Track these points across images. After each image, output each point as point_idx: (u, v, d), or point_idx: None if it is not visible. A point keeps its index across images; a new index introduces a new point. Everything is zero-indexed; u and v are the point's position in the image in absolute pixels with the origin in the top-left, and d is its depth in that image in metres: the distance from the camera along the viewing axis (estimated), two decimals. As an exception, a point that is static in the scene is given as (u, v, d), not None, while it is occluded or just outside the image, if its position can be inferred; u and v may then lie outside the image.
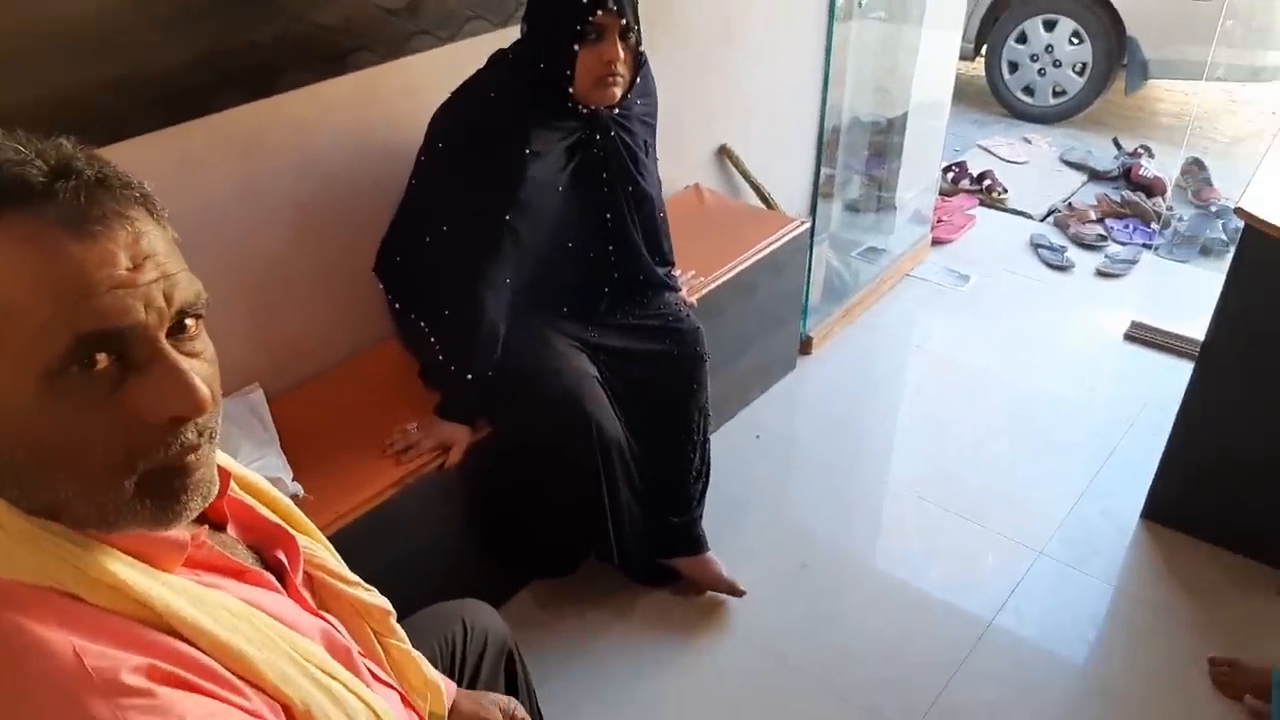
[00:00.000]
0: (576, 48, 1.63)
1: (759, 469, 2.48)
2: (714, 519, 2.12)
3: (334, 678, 0.79)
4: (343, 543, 1.59)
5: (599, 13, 1.61)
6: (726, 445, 2.46)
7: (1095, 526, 2.28)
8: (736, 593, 2.05)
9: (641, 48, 1.72)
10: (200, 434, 0.69)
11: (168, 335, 0.67)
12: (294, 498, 1.63)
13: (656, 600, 2.10)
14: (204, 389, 0.66)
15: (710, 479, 2.10)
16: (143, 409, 0.65)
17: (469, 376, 1.77)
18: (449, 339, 1.79)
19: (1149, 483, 2.27)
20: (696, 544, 2.05)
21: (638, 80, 1.76)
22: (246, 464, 1.59)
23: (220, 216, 1.72)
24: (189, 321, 0.68)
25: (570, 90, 1.67)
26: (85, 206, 0.64)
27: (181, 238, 0.72)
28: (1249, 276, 1.92)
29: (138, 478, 0.66)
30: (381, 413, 1.85)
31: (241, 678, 0.71)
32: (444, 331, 1.80)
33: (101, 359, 0.63)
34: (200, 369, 0.68)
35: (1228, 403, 2.04)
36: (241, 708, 0.69)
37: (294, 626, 0.79)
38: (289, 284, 1.89)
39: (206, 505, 0.71)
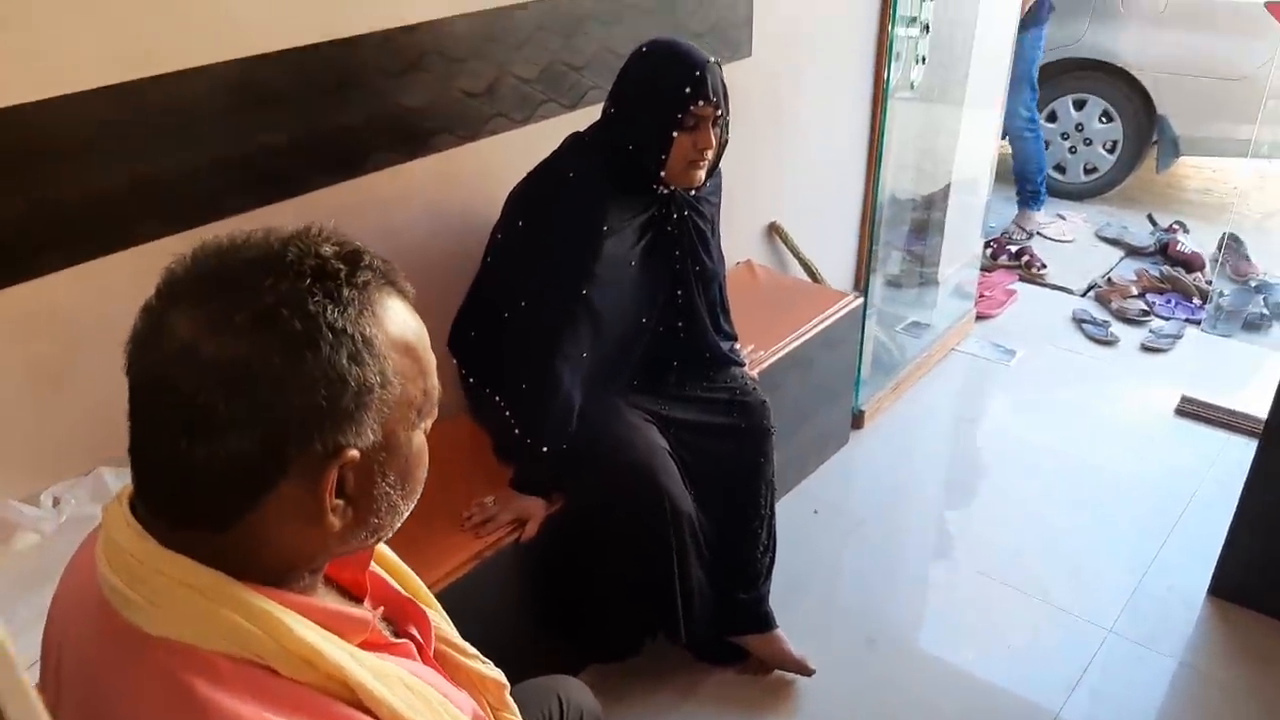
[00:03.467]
0: (675, 135, 1.68)
1: (818, 544, 2.47)
2: (776, 593, 2.10)
3: None
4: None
5: (700, 103, 1.67)
6: (784, 520, 2.41)
7: (1162, 603, 2.25)
8: (806, 671, 2.03)
9: (727, 137, 1.78)
10: None
11: None
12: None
13: (723, 680, 2.07)
14: None
15: (776, 553, 2.09)
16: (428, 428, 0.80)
17: (545, 449, 1.78)
18: (525, 412, 1.81)
19: (1214, 559, 2.25)
20: (765, 621, 2.03)
21: (718, 165, 1.81)
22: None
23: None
24: None
25: (662, 173, 1.72)
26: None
27: None
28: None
29: None
30: (458, 487, 1.86)
31: None
32: (520, 405, 1.82)
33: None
34: None
35: (1295, 479, 2.03)
36: None
37: (453, 701, 0.80)
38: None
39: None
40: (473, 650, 1.01)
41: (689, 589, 1.89)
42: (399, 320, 0.73)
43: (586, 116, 1.85)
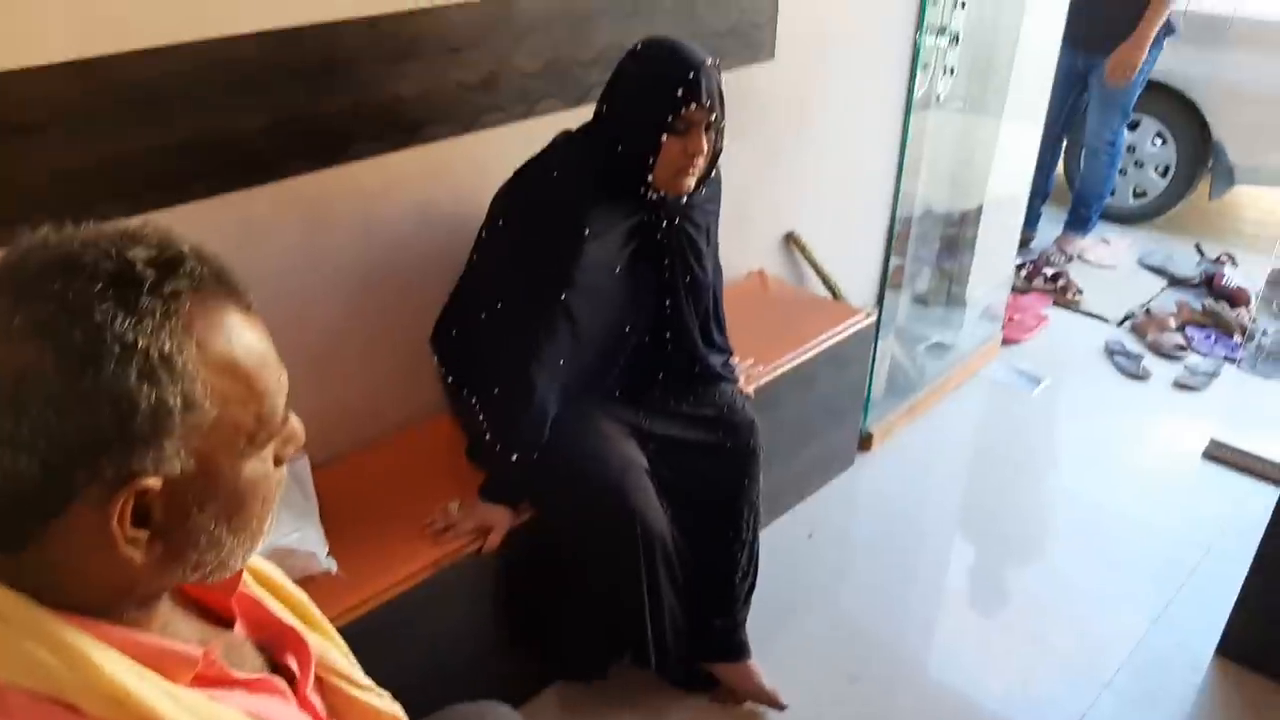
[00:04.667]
0: (664, 138, 1.61)
1: (810, 570, 2.38)
2: (759, 620, 2.02)
3: None
4: (369, 625, 1.56)
5: (693, 106, 1.58)
6: (777, 542, 2.36)
7: (1166, 661, 2.13)
8: (777, 705, 1.94)
9: (721, 144, 1.70)
10: None
11: None
12: (325, 574, 1.58)
13: (691, 707, 2.00)
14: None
15: (758, 579, 2.01)
16: (285, 456, 0.73)
17: (514, 457, 1.72)
18: (497, 417, 1.75)
19: (1225, 616, 2.13)
20: (739, 650, 1.95)
21: (711, 174, 1.73)
22: (283, 536, 1.56)
23: (281, 280, 1.71)
24: None
25: (649, 178, 1.65)
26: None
27: None
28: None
29: None
30: (426, 489, 1.81)
31: None
32: (493, 409, 1.76)
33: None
34: None
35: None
36: None
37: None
38: (345, 352, 1.87)
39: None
40: (367, 682, 0.94)
41: (659, 614, 1.82)
42: (223, 337, 0.65)
43: (588, 114, 1.77)
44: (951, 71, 2.75)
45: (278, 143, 1.61)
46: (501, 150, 1.88)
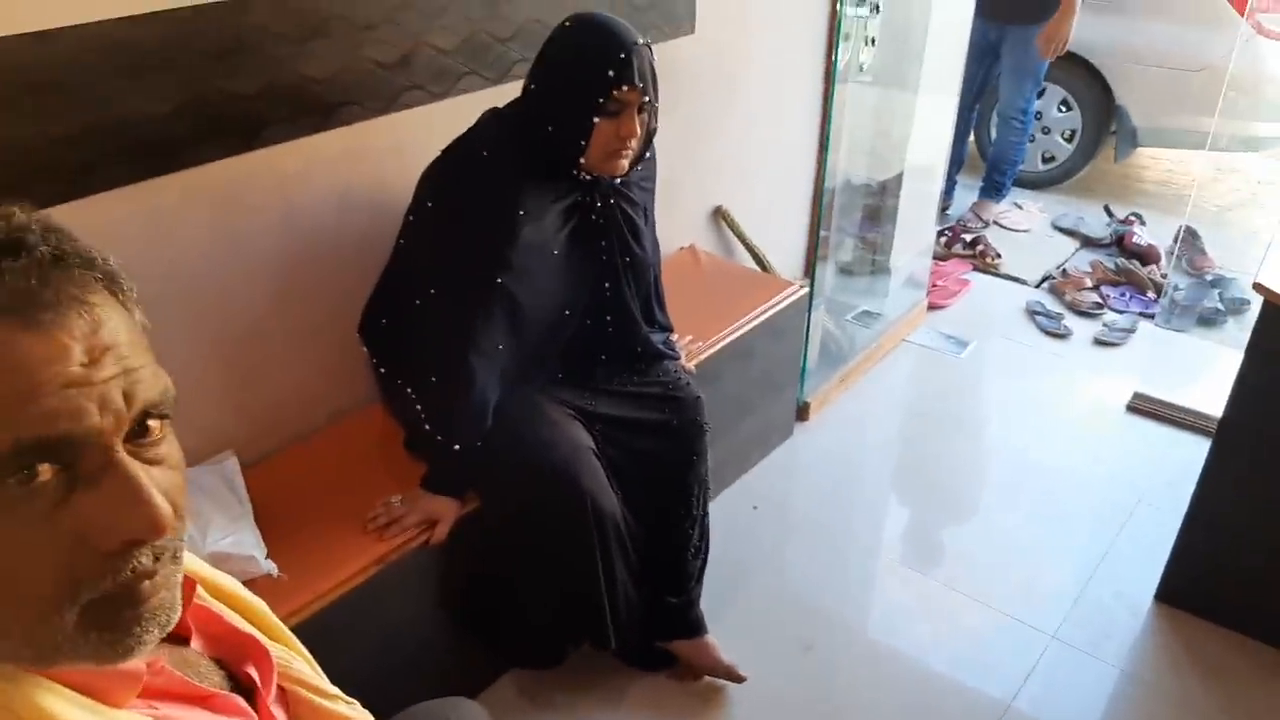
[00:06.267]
0: (596, 120, 1.56)
1: (757, 541, 2.38)
2: (711, 594, 2.00)
3: None
4: (318, 625, 1.49)
5: (624, 88, 1.54)
6: (723, 516, 2.34)
7: (1108, 609, 2.18)
8: (736, 678, 1.93)
9: (655, 124, 1.66)
10: (157, 557, 0.58)
11: (127, 439, 0.56)
12: (267, 577, 1.51)
13: (650, 685, 1.97)
14: (165, 507, 0.56)
15: (709, 554, 2.00)
16: (91, 530, 0.55)
17: (456, 447, 1.67)
18: (436, 407, 1.69)
19: (1162, 563, 2.18)
20: (695, 626, 1.93)
21: (645, 155, 1.69)
22: (218, 541, 1.49)
23: (196, 273, 1.62)
24: (152, 423, 0.58)
25: (581, 160, 1.60)
26: (36, 289, 0.54)
27: (153, 296, 0.62)
28: (1269, 354, 1.85)
29: (80, 608, 0.56)
30: (364, 483, 1.74)
31: None
32: (431, 399, 1.70)
33: (44, 470, 0.53)
34: (162, 479, 0.58)
35: (1246, 481, 1.96)
36: None
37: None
38: (268, 345, 1.79)
39: (165, 634, 0.60)
40: (334, 690, 0.89)
41: (615, 594, 1.79)
42: None
43: (513, 91, 1.72)
44: (873, 42, 2.76)
45: (185, 128, 1.52)
46: (423, 130, 1.82)
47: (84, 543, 0.55)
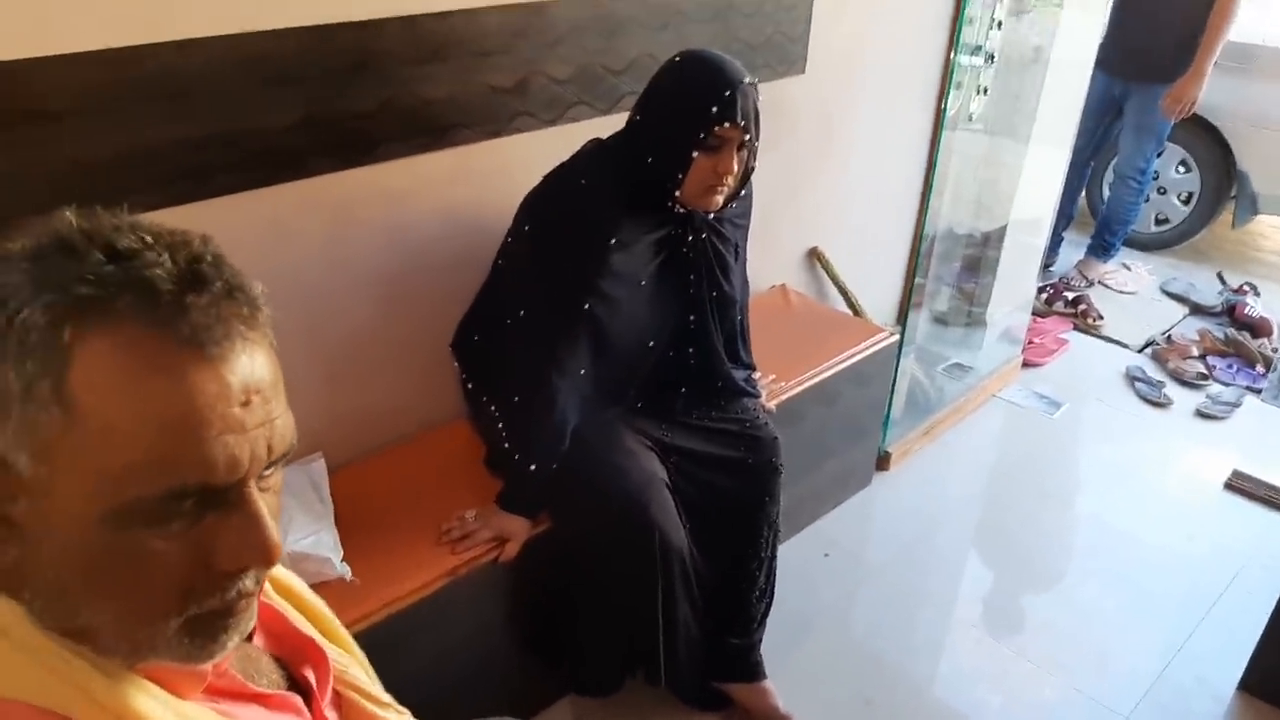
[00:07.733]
0: (695, 154, 1.58)
1: (826, 589, 2.35)
2: (774, 638, 1.98)
3: None
4: (382, 632, 1.53)
5: (725, 124, 1.56)
6: (794, 560, 2.33)
7: (1187, 694, 2.09)
8: (792, 728, 1.91)
9: (754, 163, 1.67)
10: (259, 580, 0.63)
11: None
12: (339, 580, 1.56)
13: (704, 725, 1.97)
14: (279, 542, 0.61)
15: (775, 598, 1.98)
16: (218, 555, 0.59)
17: (533, 467, 1.69)
18: (517, 426, 1.72)
19: (1249, 650, 2.08)
20: (754, 671, 1.92)
21: (741, 192, 1.71)
22: (298, 540, 1.54)
23: (304, 279, 1.69)
24: (277, 464, 0.63)
25: (677, 193, 1.62)
26: (213, 326, 0.57)
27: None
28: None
29: (185, 619, 0.60)
30: (443, 495, 1.78)
31: None
32: (512, 418, 1.73)
33: (189, 504, 0.58)
34: (272, 504, 0.62)
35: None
36: None
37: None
38: (366, 353, 1.85)
39: (242, 639, 0.64)
40: (387, 698, 0.91)
41: (674, 630, 1.79)
42: (145, 364, 0.56)
43: (620, 122, 1.75)
44: (984, 91, 2.73)
45: (306, 140, 1.59)
46: (530, 155, 1.86)
47: (204, 562, 0.59)
